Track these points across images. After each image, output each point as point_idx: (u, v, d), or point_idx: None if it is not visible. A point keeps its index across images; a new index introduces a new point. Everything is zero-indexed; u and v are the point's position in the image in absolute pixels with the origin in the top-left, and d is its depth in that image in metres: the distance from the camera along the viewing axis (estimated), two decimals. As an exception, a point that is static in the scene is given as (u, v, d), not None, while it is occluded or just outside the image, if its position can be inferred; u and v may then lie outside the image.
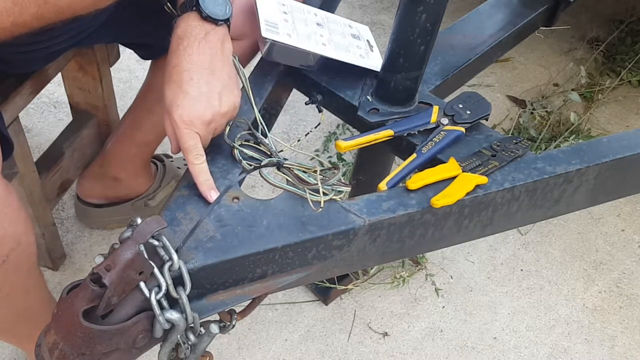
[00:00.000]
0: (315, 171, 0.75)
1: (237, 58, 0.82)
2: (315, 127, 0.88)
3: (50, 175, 1.26)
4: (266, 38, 0.85)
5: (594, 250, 1.56)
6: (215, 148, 0.79)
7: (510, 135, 1.72)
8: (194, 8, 0.76)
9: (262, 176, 0.75)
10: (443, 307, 1.40)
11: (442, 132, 0.84)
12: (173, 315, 0.62)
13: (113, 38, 1.14)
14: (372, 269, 1.42)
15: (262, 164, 0.77)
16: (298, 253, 0.70)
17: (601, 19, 2.26)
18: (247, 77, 0.84)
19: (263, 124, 0.81)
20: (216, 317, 0.71)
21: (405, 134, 0.85)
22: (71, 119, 1.38)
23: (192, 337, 0.66)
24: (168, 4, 0.82)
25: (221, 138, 0.79)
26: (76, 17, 0.71)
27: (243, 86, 0.83)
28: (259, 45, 0.90)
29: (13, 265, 0.81)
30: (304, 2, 1.00)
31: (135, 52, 1.20)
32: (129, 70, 1.86)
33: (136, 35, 1.11)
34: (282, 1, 0.95)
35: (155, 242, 0.62)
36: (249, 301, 0.74)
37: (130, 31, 1.08)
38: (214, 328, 0.67)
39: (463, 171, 0.78)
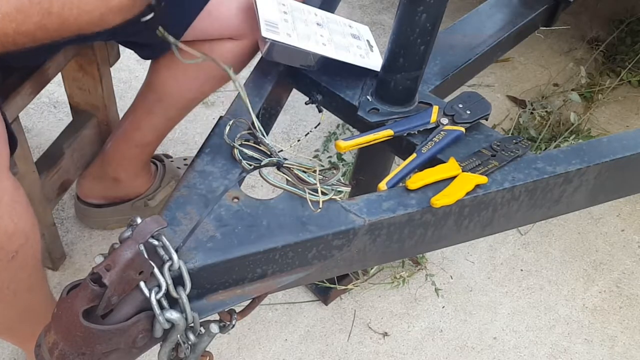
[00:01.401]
0: (315, 171, 0.75)
1: (230, 68, 0.81)
2: (315, 127, 0.88)
3: (50, 175, 1.26)
4: (266, 38, 0.85)
5: (594, 250, 1.56)
6: (215, 148, 0.79)
7: (510, 135, 1.72)
8: None
9: (261, 176, 0.75)
10: (443, 307, 1.40)
11: (442, 132, 0.84)
12: (173, 315, 0.62)
13: (111, 35, 1.14)
14: (372, 269, 1.42)
15: (262, 164, 0.77)
16: (298, 253, 0.70)
17: (601, 19, 2.26)
18: (242, 85, 0.82)
19: (262, 129, 0.81)
20: (216, 317, 0.71)
21: (405, 134, 0.85)
22: (71, 119, 1.38)
23: (192, 336, 0.66)
24: (160, 28, 0.82)
25: (221, 138, 0.79)
26: (80, 34, 0.72)
27: (239, 94, 0.82)
28: (259, 45, 0.90)
29: (21, 261, 0.81)
30: (304, 2, 1.00)
31: (135, 52, 1.20)
32: (129, 70, 1.86)
33: (134, 32, 1.11)
34: (282, 1, 0.95)
35: (155, 242, 0.62)
36: (249, 301, 0.74)
37: (129, 28, 1.08)
38: (214, 328, 0.67)
39: (463, 171, 0.78)
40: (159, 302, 0.61)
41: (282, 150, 0.80)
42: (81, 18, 0.70)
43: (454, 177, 0.77)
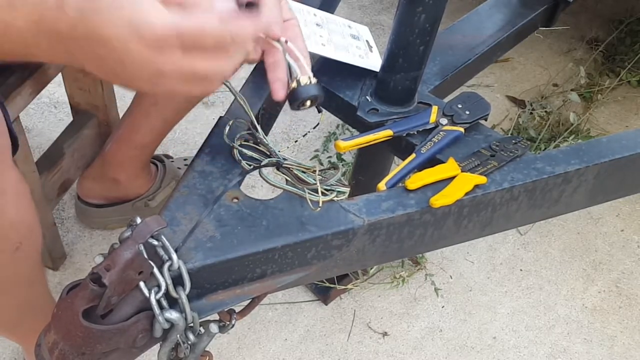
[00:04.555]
0: (314, 171, 0.76)
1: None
2: (315, 128, 0.88)
3: (50, 175, 1.26)
4: (266, 38, 0.85)
5: (593, 250, 1.56)
6: (215, 148, 0.79)
7: (509, 135, 1.72)
8: None
9: (261, 176, 0.76)
10: (442, 306, 1.41)
11: (441, 132, 0.84)
12: (172, 314, 0.62)
13: None
14: (371, 269, 1.42)
15: (262, 164, 0.77)
16: (297, 253, 0.71)
17: (601, 19, 2.26)
18: (237, 90, 0.81)
19: (262, 131, 0.81)
20: (216, 316, 0.71)
21: (405, 134, 0.86)
22: (71, 119, 1.38)
23: (191, 336, 0.66)
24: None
25: (221, 138, 0.79)
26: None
27: (236, 98, 0.81)
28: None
29: (24, 253, 0.82)
30: (303, 2, 1.00)
31: None
32: (129, 71, 1.86)
33: None
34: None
35: (155, 242, 0.62)
36: (249, 301, 0.74)
37: None
38: (214, 328, 0.67)
39: (462, 171, 0.78)
40: (158, 302, 0.61)
41: (280, 151, 0.80)
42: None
43: (453, 177, 0.77)
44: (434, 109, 0.88)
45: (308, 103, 0.71)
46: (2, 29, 0.53)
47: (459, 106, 0.87)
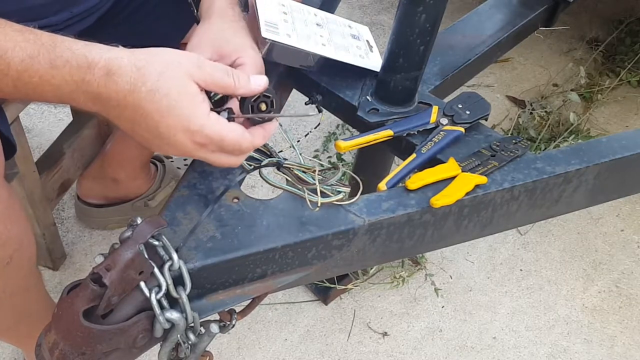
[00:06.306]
0: (314, 171, 0.76)
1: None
2: (315, 128, 0.88)
3: (50, 175, 1.26)
4: (266, 38, 0.85)
5: (593, 250, 1.56)
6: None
7: (509, 135, 1.72)
8: None
9: (261, 176, 0.76)
10: (442, 307, 1.41)
11: (441, 132, 0.84)
12: (173, 315, 0.62)
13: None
14: (371, 269, 1.42)
15: (262, 164, 0.77)
16: (298, 253, 0.71)
17: (601, 19, 2.26)
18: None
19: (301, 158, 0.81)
20: (216, 316, 0.71)
21: (405, 134, 0.86)
22: (71, 119, 1.38)
23: (192, 336, 0.66)
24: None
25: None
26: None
27: None
28: (258, 46, 0.90)
29: (16, 265, 0.82)
30: (303, 2, 1.00)
31: None
32: (129, 71, 1.85)
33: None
34: (282, 1, 0.95)
35: (155, 242, 0.62)
36: (249, 301, 0.74)
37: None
38: (214, 328, 0.67)
39: (462, 171, 0.78)
40: (159, 302, 0.61)
41: (282, 151, 0.81)
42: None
43: (453, 177, 0.77)
44: (434, 109, 0.88)
45: (263, 106, 0.70)
46: (35, 81, 0.59)
47: (459, 106, 0.87)
